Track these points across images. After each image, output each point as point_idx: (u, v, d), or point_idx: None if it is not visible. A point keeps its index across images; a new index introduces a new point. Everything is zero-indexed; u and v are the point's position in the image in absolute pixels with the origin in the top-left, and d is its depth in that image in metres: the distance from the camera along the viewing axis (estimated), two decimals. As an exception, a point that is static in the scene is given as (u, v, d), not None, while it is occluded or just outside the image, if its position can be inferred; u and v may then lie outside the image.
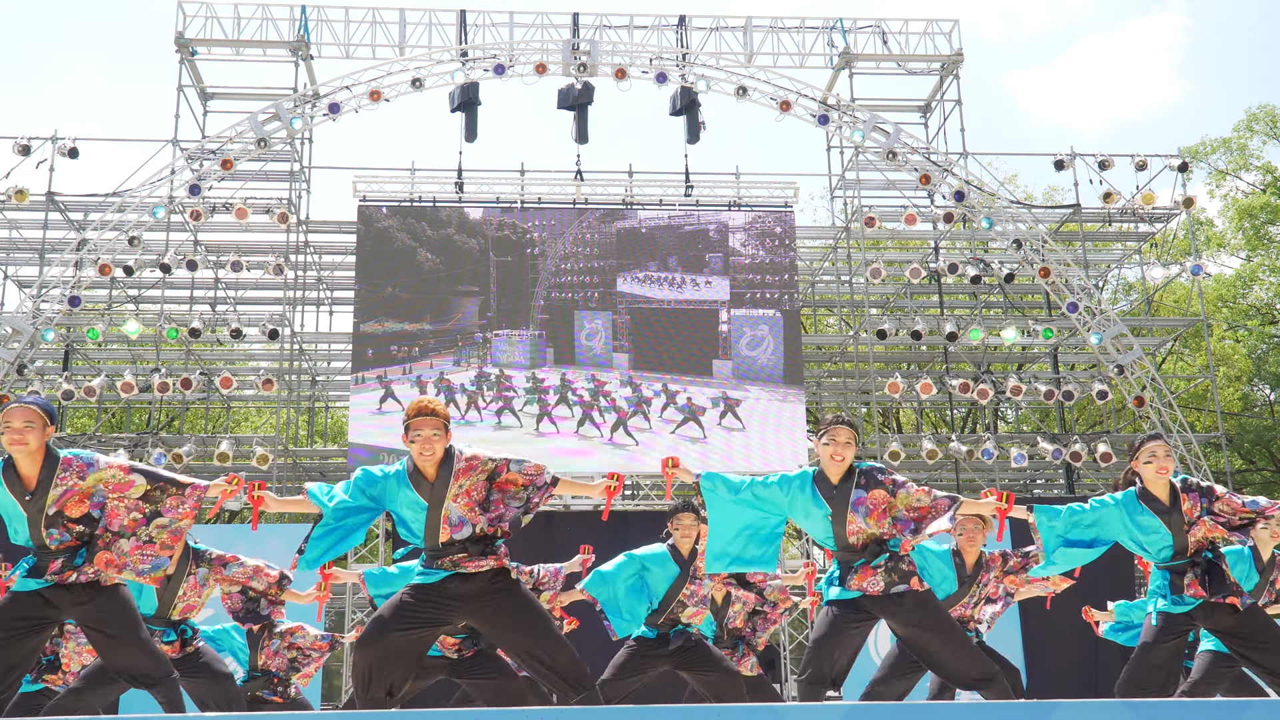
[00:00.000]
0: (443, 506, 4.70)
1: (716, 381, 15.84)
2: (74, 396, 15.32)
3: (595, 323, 16.04)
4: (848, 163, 17.26)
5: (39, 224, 16.43)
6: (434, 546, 4.73)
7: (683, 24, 17.15)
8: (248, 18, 16.64)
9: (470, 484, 4.75)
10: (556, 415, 15.52)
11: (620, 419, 15.47)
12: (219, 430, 20.90)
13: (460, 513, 4.72)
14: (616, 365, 15.87)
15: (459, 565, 4.70)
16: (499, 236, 16.21)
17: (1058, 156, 17.17)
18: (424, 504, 4.71)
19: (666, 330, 16.09)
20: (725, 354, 16.03)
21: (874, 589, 5.07)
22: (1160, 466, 5.13)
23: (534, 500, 4.86)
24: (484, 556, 4.70)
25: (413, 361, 15.61)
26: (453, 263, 16.03)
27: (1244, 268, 24.56)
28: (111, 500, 4.78)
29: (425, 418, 4.70)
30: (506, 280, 16.09)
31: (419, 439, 4.68)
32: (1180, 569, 5.15)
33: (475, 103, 16.11)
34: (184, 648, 6.00)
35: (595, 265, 16.22)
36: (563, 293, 16.13)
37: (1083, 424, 22.10)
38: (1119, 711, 3.71)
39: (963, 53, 17.48)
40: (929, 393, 16.25)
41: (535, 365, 15.72)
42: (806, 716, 4.10)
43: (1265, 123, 24.18)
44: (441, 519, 4.70)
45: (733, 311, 16.18)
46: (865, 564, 5.09)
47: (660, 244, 16.39)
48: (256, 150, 15.63)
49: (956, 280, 16.94)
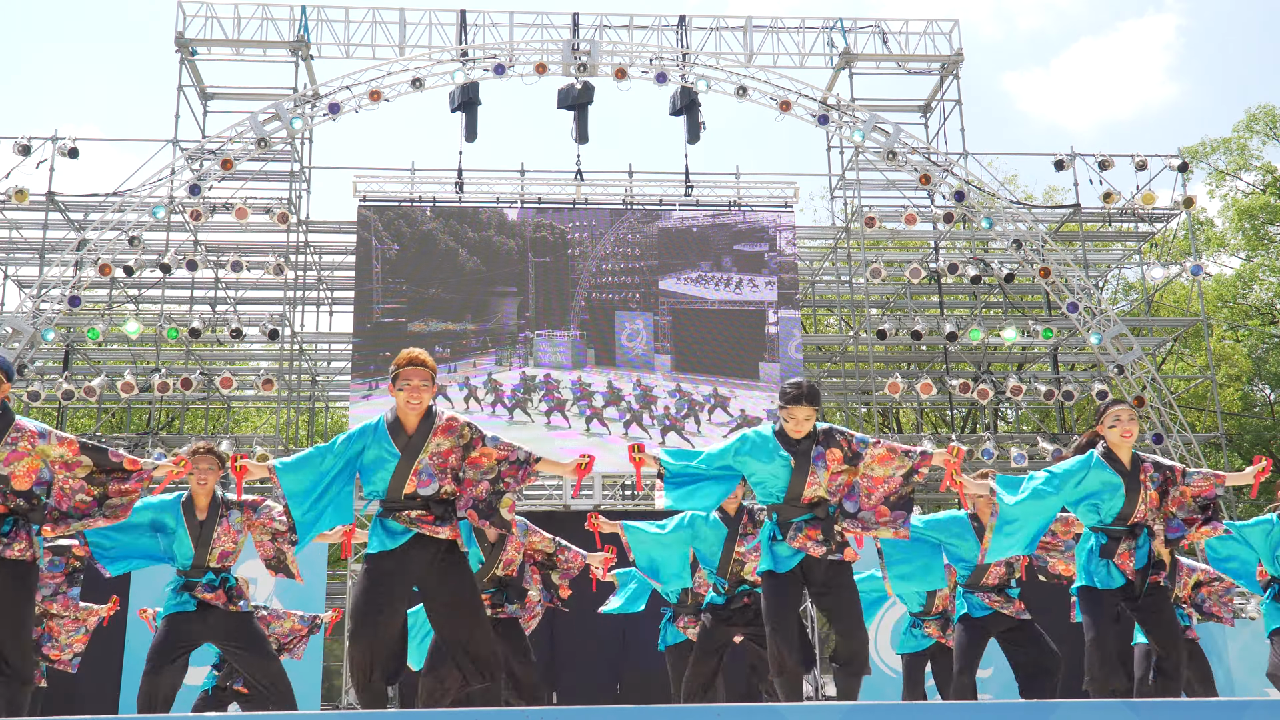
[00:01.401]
0: (416, 458, 4.70)
1: (764, 384, 15.68)
2: (74, 396, 15.32)
3: (636, 323, 16.00)
4: (848, 163, 17.27)
5: (39, 224, 16.42)
6: (396, 499, 4.72)
7: (683, 24, 17.15)
8: (248, 18, 16.65)
9: (448, 445, 4.77)
10: (606, 416, 15.53)
11: (672, 424, 15.44)
12: (219, 430, 20.89)
13: (431, 468, 4.73)
14: (659, 367, 15.82)
15: (418, 524, 4.69)
16: (537, 237, 16.23)
17: (1058, 156, 17.16)
18: (397, 454, 4.71)
19: (711, 331, 15.97)
20: (773, 356, 15.92)
21: (815, 550, 5.03)
22: (1125, 430, 5.17)
23: (507, 478, 4.84)
24: (443, 523, 4.71)
25: (457, 360, 15.64)
26: (492, 263, 16.07)
27: (1244, 268, 24.58)
28: (59, 478, 4.78)
29: (416, 367, 4.73)
30: (545, 280, 16.09)
31: (408, 387, 4.70)
32: (1117, 535, 5.19)
33: (475, 103, 16.11)
34: (230, 599, 5.93)
35: (636, 265, 16.18)
36: (603, 293, 16.10)
37: (1083, 424, 22.08)
38: (1119, 711, 3.71)
39: (963, 53, 17.49)
40: (929, 393, 16.25)
41: (578, 366, 15.72)
42: (806, 716, 4.10)
43: (1265, 123, 24.20)
44: (412, 470, 4.70)
45: (781, 313, 16.12)
46: (811, 521, 5.07)
47: (706, 243, 16.30)
48: (256, 150, 15.63)
49: (956, 280, 16.94)
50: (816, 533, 5.04)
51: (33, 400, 15.63)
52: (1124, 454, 5.21)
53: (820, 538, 5.03)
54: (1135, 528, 5.19)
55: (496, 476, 4.85)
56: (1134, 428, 5.18)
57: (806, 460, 5.05)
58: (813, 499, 5.08)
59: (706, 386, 15.64)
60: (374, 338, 15.80)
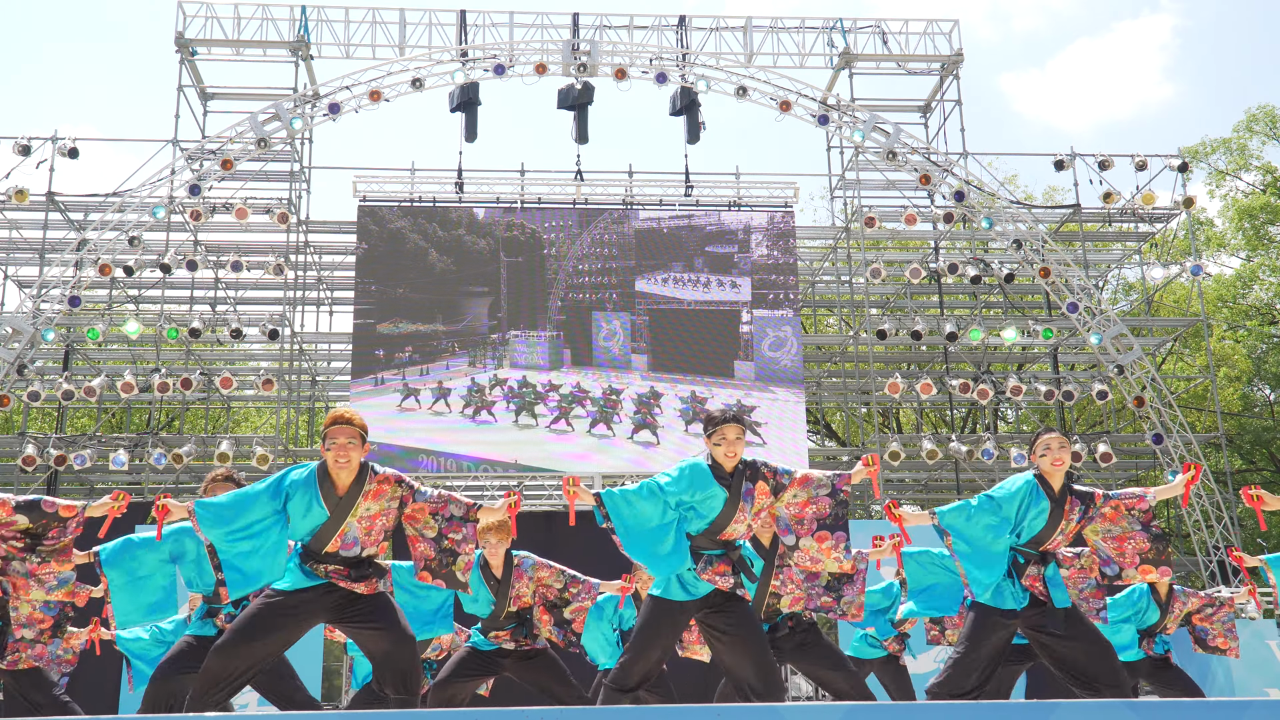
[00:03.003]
0: (344, 520, 4.67)
1: (739, 383, 15.77)
2: (74, 396, 15.32)
3: (613, 324, 16.01)
4: (848, 163, 17.27)
5: (39, 224, 16.43)
6: (317, 553, 4.69)
7: (683, 24, 17.15)
8: (248, 18, 16.65)
9: (378, 509, 4.73)
10: (572, 417, 15.56)
11: (646, 422, 15.48)
12: (219, 430, 20.90)
13: (357, 534, 4.70)
14: (635, 367, 15.84)
15: (333, 579, 4.67)
16: (508, 237, 16.20)
17: (1058, 156, 17.16)
18: (326, 513, 4.67)
19: (687, 331, 16.04)
20: (747, 355, 15.99)
21: (724, 584, 5.01)
22: (1055, 459, 5.18)
23: (449, 535, 4.80)
24: (361, 580, 4.69)
25: (428, 363, 15.61)
26: (463, 263, 16.03)
27: (1244, 268, 24.57)
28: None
29: (341, 425, 4.68)
30: (518, 281, 16.07)
31: (334, 446, 4.65)
32: (1030, 559, 5.17)
33: (475, 103, 16.11)
34: None
35: (613, 266, 16.19)
36: (580, 294, 16.11)
37: (1083, 424, 22.11)
38: (1119, 711, 3.71)
39: (963, 53, 17.49)
40: (929, 393, 16.25)
41: (555, 367, 15.72)
42: (805, 716, 4.11)
43: (1265, 123, 24.19)
44: (338, 533, 4.67)
45: (755, 312, 16.15)
46: (722, 557, 5.04)
47: (681, 244, 16.35)
48: (256, 150, 15.63)
49: (956, 280, 16.94)
50: (726, 568, 5.01)
51: (33, 400, 15.63)
52: (1056, 481, 5.21)
53: (729, 575, 5.01)
54: (1046, 554, 5.20)
55: (438, 534, 4.81)
56: (1065, 456, 5.21)
57: (738, 496, 5.03)
58: (734, 536, 5.07)
59: (685, 387, 15.69)
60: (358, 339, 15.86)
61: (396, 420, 15.36)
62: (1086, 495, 5.26)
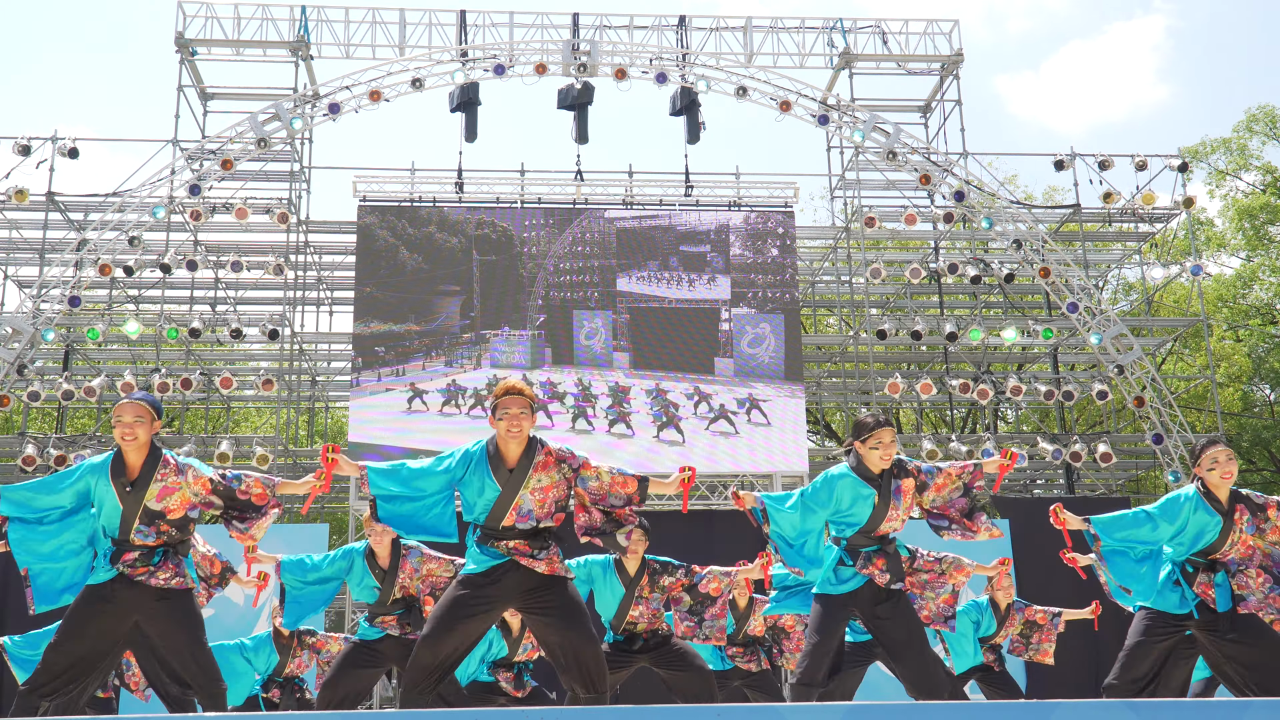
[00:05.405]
0: (516, 493, 4.69)
1: (719, 379, 15.81)
2: (74, 396, 15.32)
3: (595, 322, 16.02)
4: (848, 163, 17.27)
5: (39, 224, 16.43)
6: (494, 528, 4.72)
7: (683, 24, 17.15)
8: (248, 18, 16.64)
9: (550, 482, 4.75)
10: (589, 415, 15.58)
11: (668, 419, 15.48)
12: (219, 430, 20.91)
13: (531, 505, 4.72)
14: (617, 365, 15.85)
15: (514, 553, 4.69)
16: (480, 235, 16.13)
17: (1058, 156, 17.15)
18: (498, 489, 4.69)
19: (667, 329, 16.08)
20: (727, 352, 16.03)
21: (881, 579, 5.27)
22: (1225, 472, 5.25)
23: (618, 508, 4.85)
24: (540, 553, 4.69)
25: (403, 364, 15.55)
26: (435, 262, 15.93)
27: (1244, 268, 24.57)
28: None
29: (513, 396, 4.73)
30: (492, 279, 16.02)
31: (507, 416, 4.69)
32: (1199, 567, 5.26)
33: (475, 103, 16.10)
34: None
35: (595, 265, 16.19)
36: (561, 292, 16.10)
37: (1083, 424, 22.12)
38: (1119, 711, 3.71)
39: (963, 53, 17.48)
40: (929, 393, 16.25)
41: (535, 365, 15.70)
42: (805, 717, 4.10)
43: (1265, 123, 24.18)
44: (512, 506, 4.70)
45: (734, 310, 16.18)
46: (878, 552, 5.32)
47: (661, 243, 16.37)
48: (256, 150, 15.62)
49: (956, 280, 16.94)
50: (883, 562, 5.30)
51: (33, 400, 15.63)
52: (1222, 494, 5.28)
53: (884, 569, 5.28)
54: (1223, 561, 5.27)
55: (607, 512, 4.86)
56: (1233, 468, 5.27)
57: (888, 494, 5.30)
58: (890, 531, 5.37)
59: (688, 385, 15.70)
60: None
61: (404, 420, 15.30)
62: (1258, 507, 5.30)
